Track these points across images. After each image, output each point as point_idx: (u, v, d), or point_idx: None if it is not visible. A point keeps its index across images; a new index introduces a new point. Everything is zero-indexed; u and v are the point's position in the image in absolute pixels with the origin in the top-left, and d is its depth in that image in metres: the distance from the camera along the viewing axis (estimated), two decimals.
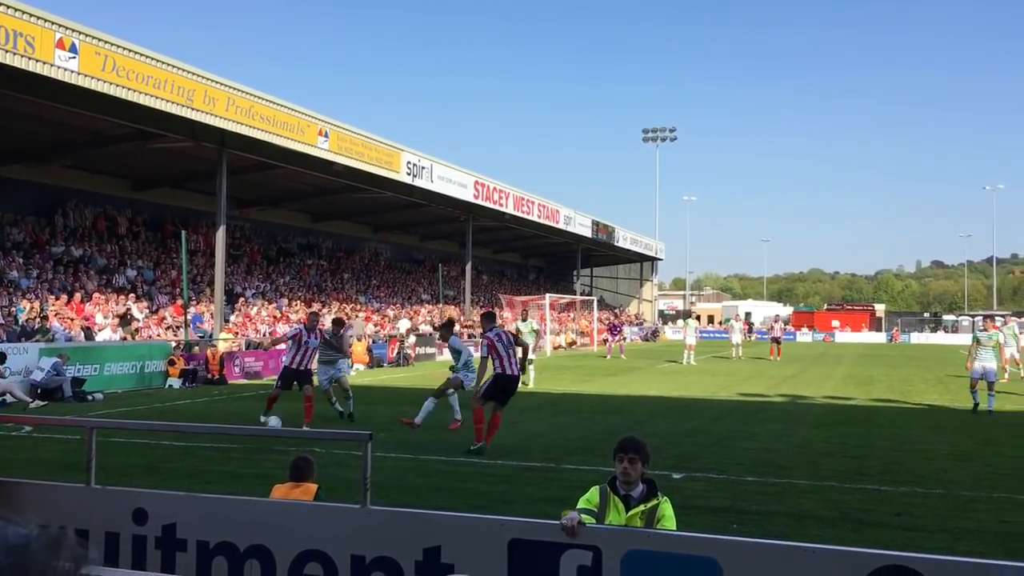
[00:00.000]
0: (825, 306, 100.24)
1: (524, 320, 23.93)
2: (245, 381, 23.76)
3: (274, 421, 13.93)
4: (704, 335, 59.81)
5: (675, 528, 4.66)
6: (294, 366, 14.57)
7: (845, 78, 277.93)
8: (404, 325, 36.03)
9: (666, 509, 4.71)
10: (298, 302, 33.72)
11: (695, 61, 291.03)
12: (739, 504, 8.58)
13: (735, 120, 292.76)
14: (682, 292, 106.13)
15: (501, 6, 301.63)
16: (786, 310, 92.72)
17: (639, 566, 4.04)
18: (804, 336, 70.57)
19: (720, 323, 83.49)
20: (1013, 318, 35.31)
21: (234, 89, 24.04)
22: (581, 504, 4.72)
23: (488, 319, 12.92)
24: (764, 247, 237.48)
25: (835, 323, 76.62)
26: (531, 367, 22.49)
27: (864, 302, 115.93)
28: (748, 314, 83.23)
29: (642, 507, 4.66)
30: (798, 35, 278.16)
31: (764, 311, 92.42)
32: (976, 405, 16.81)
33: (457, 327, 22.80)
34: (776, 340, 38.42)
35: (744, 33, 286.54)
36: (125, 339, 23.01)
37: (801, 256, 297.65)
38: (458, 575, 4.18)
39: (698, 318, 66.83)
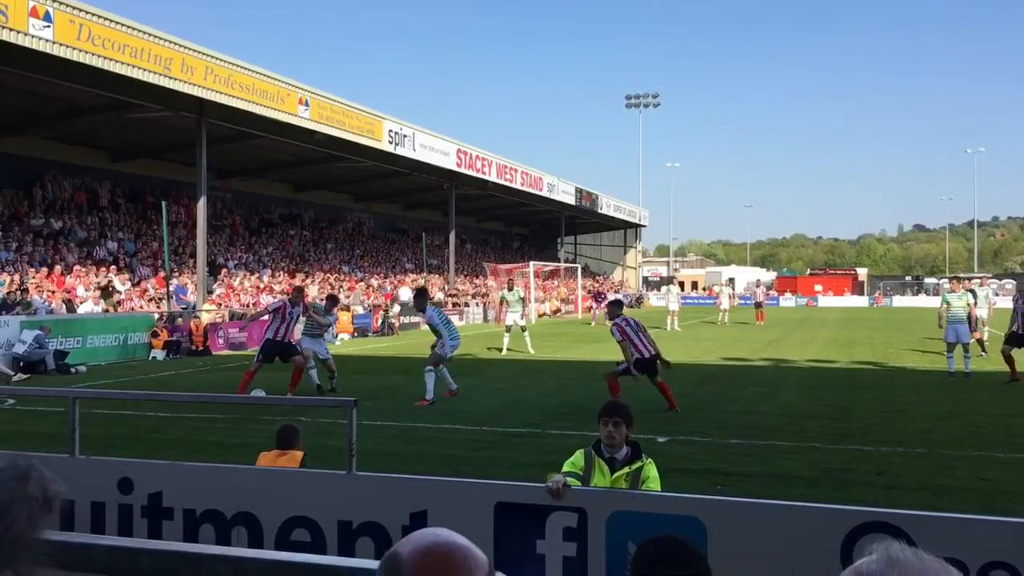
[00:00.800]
0: (808, 271, 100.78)
1: (510, 289, 23.96)
2: (229, 352, 23.70)
3: (258, 392, 13.89)
4: (687, 301, 59.98)
5: (660, 489, 4.71)
6: (277, 338, 14.49)
7: (827, 43, 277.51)
8: (405, 294, 35.87)
9: (650, 471, 4.77)
10: (281, 273, 33.58)
11: (678, 27, 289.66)
12: (723, 466, 8.66)
13: (718, 86, 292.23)
14: (666, 259, 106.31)
15: None
16: (769, 275, 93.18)
17: (624, 527, 4.07)
18: (787, 301, 70.92)
19: (704, 289, 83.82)
20: (991, 279, 35.54)
21: (212, 57, 23.74)
22: (566, 467, 4.76)
23: (616, 306, 13.47)
24: (747, 213, 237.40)
25: (818, 288, 77.04)
26: (526, 334, 22.61)
27: (846, 266, 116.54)
28: (731, 280, 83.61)
29: (627, 469, 4.71)
30: (780, 1, 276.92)
31: (747, 277, 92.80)
32: (951, 372, 16.62)
33: (440, 296, 22.80)
34: (759, 305, 38.63)
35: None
36: (107, 311, 22.87)
37: (784, 222, 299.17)
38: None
39: (681, 284, 67.01)
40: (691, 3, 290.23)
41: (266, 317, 15.06)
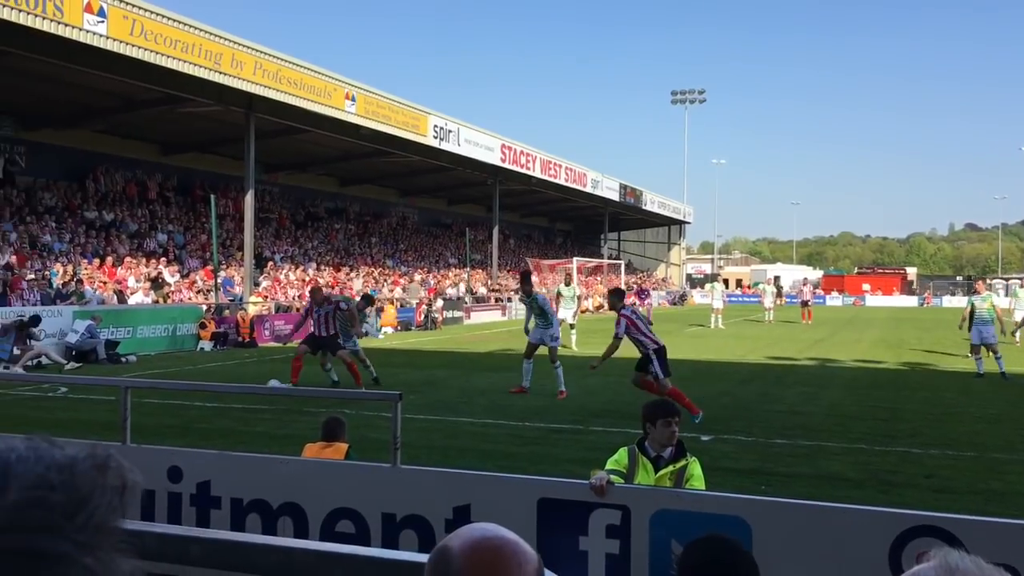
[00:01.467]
0: (856, 270, 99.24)
1: (567, 285, 23.83)
2: (275, 344, 23.98)
3: (273, 382, 13.84)
4: (732, 299, 59.43)
5: (704, 488, 4.67)
6: (319, 335, 14.68)
7: (878, 39, 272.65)
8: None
9: (695, 469, 4.75)
10: (326, 266, 33.91)
11: (725, 22, 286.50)
12: (767, 466, 8.58)
13: (765, 81, 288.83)
14: (710, 256, 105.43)
15: None
16: (816, 274, 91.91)
17: (668, 525, 4.06)
18: (834, 300, 69.92)
19: (748, 287, 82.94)
20: None
21: (261, 53, 24.02)
22: (609, 465, 4.75)
23: (617, 295, 12.67)
24: (794, 210, 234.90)
25: (866, 287, 75.83)
26: (572, 332, 22.59)
27: (895, 266, 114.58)
28: (777, 278, 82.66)
29: (671, 467, 4.70)
30: None
31: (793, 275, 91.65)
32: (979, 373, 16.40)
33: (483, 291, 22.78)
34: (805, 303, 38.14)
35: None
36: (157, 302, 23.29)
37: (831, 219, 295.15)
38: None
39: (726, 282, 66.43)
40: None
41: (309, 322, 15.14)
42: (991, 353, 16.57)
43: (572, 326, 22.91)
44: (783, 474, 8.25)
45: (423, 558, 2.90)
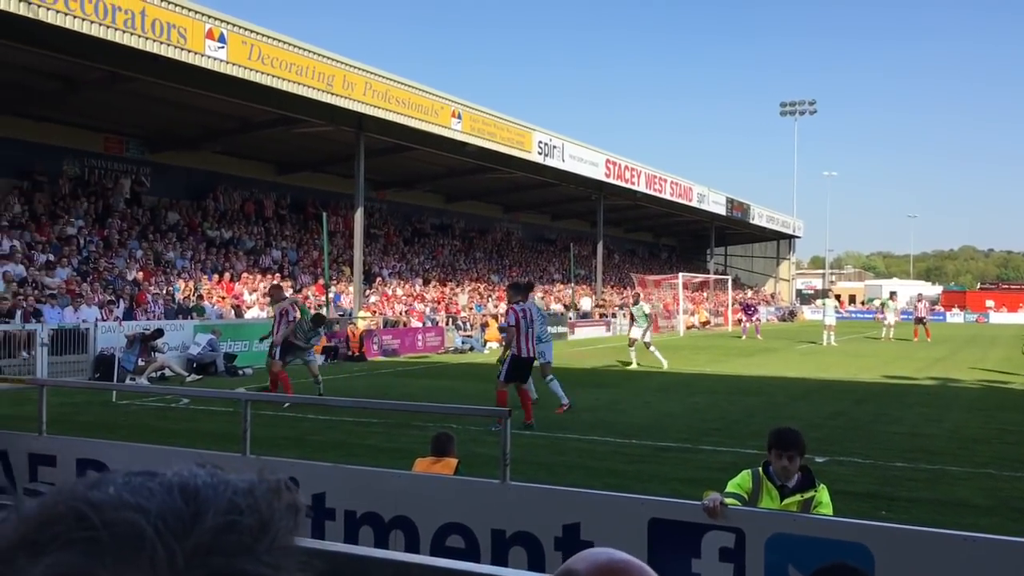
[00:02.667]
0: (978, 285, 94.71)
1: (635, 304, 23.16)
2: (383, 358, 24.47)
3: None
4: (842, 315, 57.54)
5: (831, 515, 4.49)
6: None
7: (995, 45, 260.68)
8: (587, 304, 36.38)
9: (823, 497, 4.54)
10: (433, 282, 34.43)
11: (834, 30, 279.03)
12: (887, 490, 8.23)
13: (878, 90, 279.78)
14: (821, 271, 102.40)
15: None
16: (934, 289, 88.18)
17: (784, 550, 3.94)
18: (955, 317, 66.86)
19: (862, 303, 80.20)
20: None
21: (371, 73, 24.66)
22: (731, 488, 4.60)
23: (515, 290, 12.53)
24: (910, 223, 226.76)
25: (989, 303, 72.24)
26: (652, 349, 22.05)
27: (1022, 281, 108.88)
28: (893, 293, 79.56)
29: (799, 497, 4.50)
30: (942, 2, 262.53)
31: (909, 290, 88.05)
32: None
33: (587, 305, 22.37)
34: (920, 320, 36.46)
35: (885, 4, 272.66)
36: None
37: (951, 232, 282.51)
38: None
39: (838, 297, 64.35)
40: (847, 8, 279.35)
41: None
42: None
43: (648, 344, 22.06)
44: (904, 499, 7.90)
45: None
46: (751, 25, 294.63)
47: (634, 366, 21.68)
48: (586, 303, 41.59)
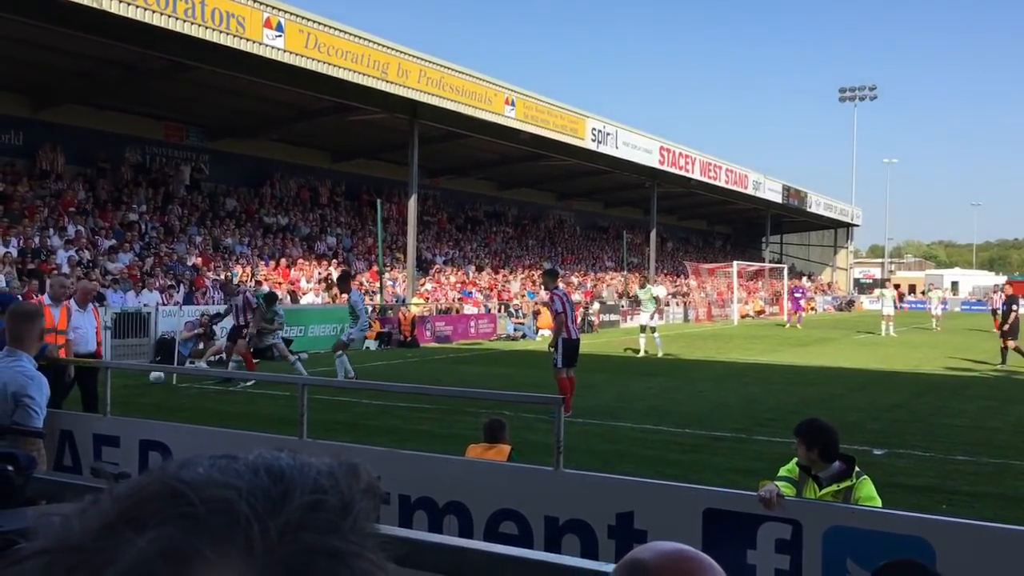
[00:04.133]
0: None
1: (642, 287, 22.78)
2: (436, 345, 24.63)
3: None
4: (909, 305, 56.34)
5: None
6: (235, 323, 15.61)
7: None
8: (662, 291, 36.16)
9: (864, 489, 4.46)
10: (486, 269, 34.53)
11: (896, 14, 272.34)
12: (948, 484, 8.06)
13: (941, 75, 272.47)
14: (880, 260, 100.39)
15: None
16: (998, 279, 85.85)
17: (843, 543, 3.87)
18: (1022, 308, 64.98)
19: (922, 292, 78.43)
20: None
21: (425, 61, 24.73)
22: (782, 472, 4.60)
23: (551, 276, 12.93)
24: (974, 211, 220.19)
25: None
26: (656, 336, 21.59)
27: None
28: (955, 283, 77.78)
29: (835, 487, 4.46)
30: None
31: (972, 280, 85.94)
32: None
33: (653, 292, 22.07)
34: (996, 312, 35.60)
35: None
36: (327, 303, 24.38)
37: (1017, 221, 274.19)
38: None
39: (897, 287, 63.03)
40: None
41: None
42: None
43: (654, 330, 21.66)
44: (966, 493, 7.73)
45: (590, 564, 2.89)
46: (811, 10, 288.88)
47: (643, 353, 21.44)
48: (661, 291, 41.38)
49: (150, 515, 0.52)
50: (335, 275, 25.78)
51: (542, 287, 22.19)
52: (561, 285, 12.91)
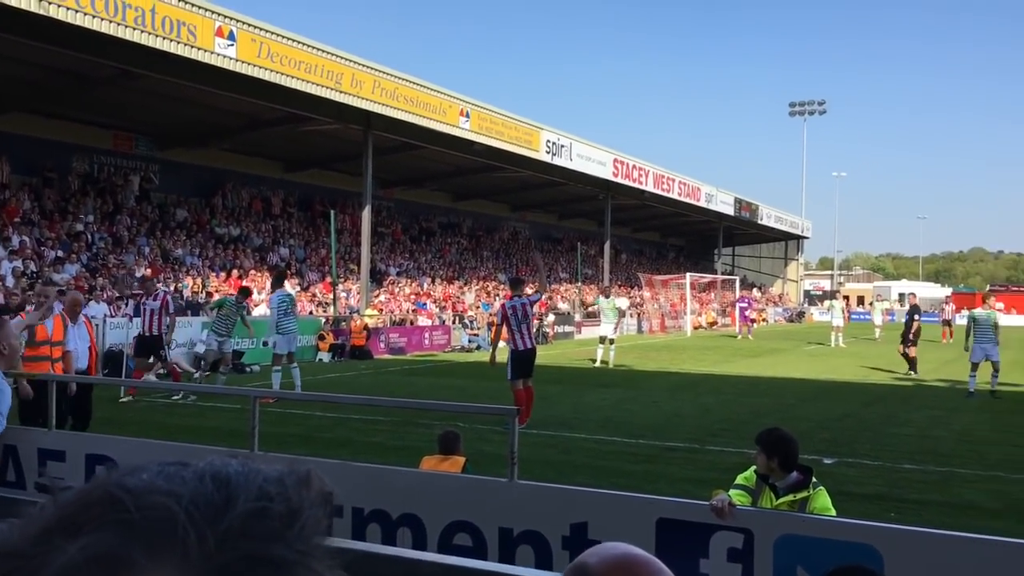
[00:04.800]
0: (988, 287, 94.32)
1: (607, 296, 22.67)
2: (390, 356, 24.49)
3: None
4: (856, 317, 57.38)
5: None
6: (144, 333, 14.39)
7: (1007, 47, 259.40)
8: (624, 303, 36.35)
9: (819, 500, 4.50)
10: (440, 280, 34.43)
11: (845, 29, 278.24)
12: (896, 492, 8.21)
13: (889, 92, 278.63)
14: (830, 272, 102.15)
15: None
16: (943, 291, 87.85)
17: (793, 551, 3.92)
18: (963, 319, 66.59)
19: (869, 304, 79.90)
20: None
21: (379, 72, 24.66)
22: (739, 479, 4.64)
23: (515, 284, 12.81)
24: (920, 224, 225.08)
25: (999, 305, 71.84)
26: (612, 347, 21.71)
27: None
28: (902, 295, 79.27)
29: (791, 497, 4.51)
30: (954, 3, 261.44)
31: (919, 292, 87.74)
32: (970, 392, 16.24)
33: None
34: (947, 323, 36.90)
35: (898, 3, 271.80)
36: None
37: (961, 234, 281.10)
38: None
39: (846, 298, 64.18)
40: (857, 6, 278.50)
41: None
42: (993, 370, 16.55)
43: (611, 341, 21.71)
44: (913, 501, 7.87)
45: (544, 575, 2.89)
46: (762, 25, 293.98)
47: (599, 364, 21.57)
48: (623, 303, 41.66)
49: (87, 521, 0.52)
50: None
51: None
52: (537, 295, 12.82)
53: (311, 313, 25.21)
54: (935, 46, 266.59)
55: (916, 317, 20.68)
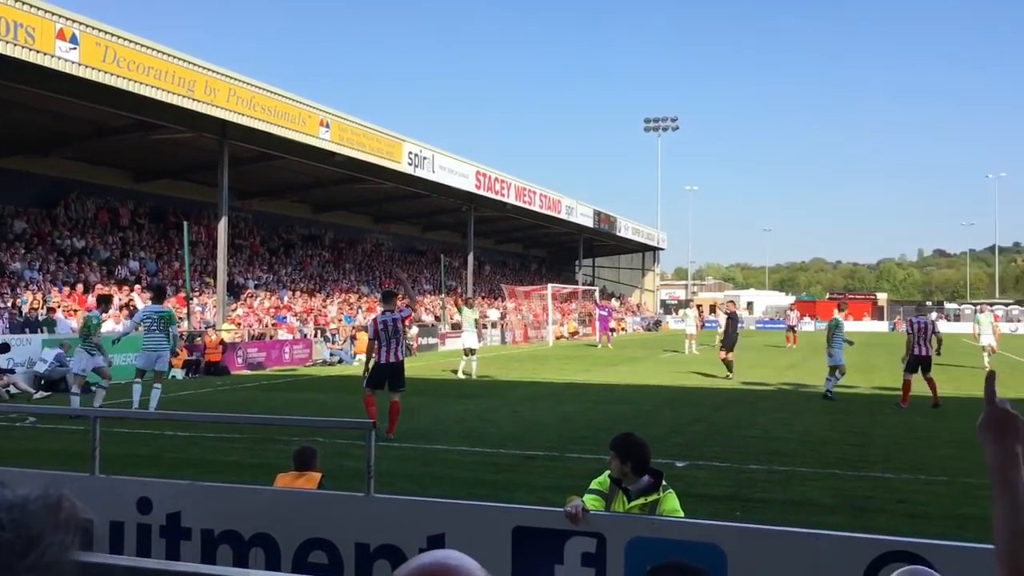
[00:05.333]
0: (827, 295, 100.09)
1: (470, 307, 22.90)
2: (248, 372, 23.79)
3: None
4: (710, 324, 59.75)
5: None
6: None
7: (846, 68, 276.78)
8: (494, 315, 36.40)
9: (668, 503, 4.67)
10: (301, 293, 33.72)
11: (697, 50, 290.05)
12: (742, 492, 8.59)
13: (737, 109, 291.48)
14: (684, 282, 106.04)
15: None
16: (788, 299, 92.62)
17: (644, 553, 4.04)
18: (807, 325, 70.41)
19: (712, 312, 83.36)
20: (987, 307, 35.40)
21: (235, 80, 24.00)
22: (594, 484, 4.76)
23: (385, 299, 12.90)
24: (766, 236, 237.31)
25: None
26: (474, 358, 22.03)
27: (866, 291, 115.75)
28: (751, 303, 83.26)
29: (642, 500, 4.65)
30: (800, 24, 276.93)
31: (766, 300, 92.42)
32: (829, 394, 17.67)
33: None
34: (792, 328, 39.24)
35: (746, 22, 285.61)
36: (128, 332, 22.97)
37: (803, 245, 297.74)
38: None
39: (699, 307, 66.69)
40: (711, 25, 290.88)
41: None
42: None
43: (472, 351, 21.99)
44: (758, 500, 8.26)
45: None
46: (618, 41, 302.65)
47: (462, 376, 21.74)
48: (494, 314, 42.06)
49: None
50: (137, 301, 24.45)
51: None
52: (408, 309, 12.83)
53: None
54: (771, 58, 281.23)
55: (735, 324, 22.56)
